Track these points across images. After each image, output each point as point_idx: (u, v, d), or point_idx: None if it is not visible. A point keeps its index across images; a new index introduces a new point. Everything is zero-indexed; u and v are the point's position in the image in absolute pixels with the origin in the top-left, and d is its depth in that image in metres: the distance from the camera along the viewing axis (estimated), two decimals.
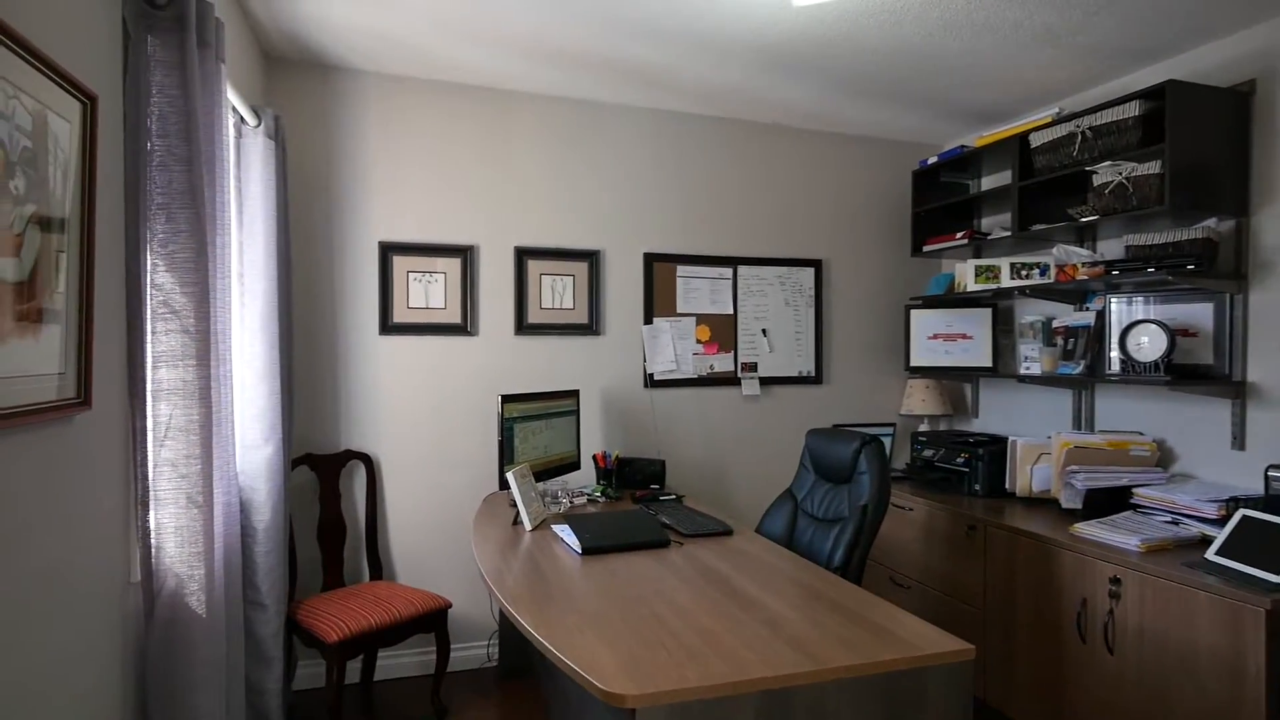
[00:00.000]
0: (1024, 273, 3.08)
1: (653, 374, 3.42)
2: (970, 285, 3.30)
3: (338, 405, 2.99)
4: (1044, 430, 3.24)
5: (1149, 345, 2.55)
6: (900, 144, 3.85)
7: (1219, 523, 2.28)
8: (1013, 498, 3.01)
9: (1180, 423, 2.70)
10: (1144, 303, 2.75)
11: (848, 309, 3.77)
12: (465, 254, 3.13)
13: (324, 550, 2.87)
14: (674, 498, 2.95)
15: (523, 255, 3.22)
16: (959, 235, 3.32)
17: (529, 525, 2.44)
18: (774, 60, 2.83)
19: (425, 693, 2.90)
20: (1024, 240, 3.04)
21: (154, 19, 1.59)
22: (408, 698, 2.88)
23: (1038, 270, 3.04)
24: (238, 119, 2.37)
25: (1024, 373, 3.14)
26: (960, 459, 3.14)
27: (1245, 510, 2.15)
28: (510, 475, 2.45)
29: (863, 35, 2.59)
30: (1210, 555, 2.10)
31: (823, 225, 3.72)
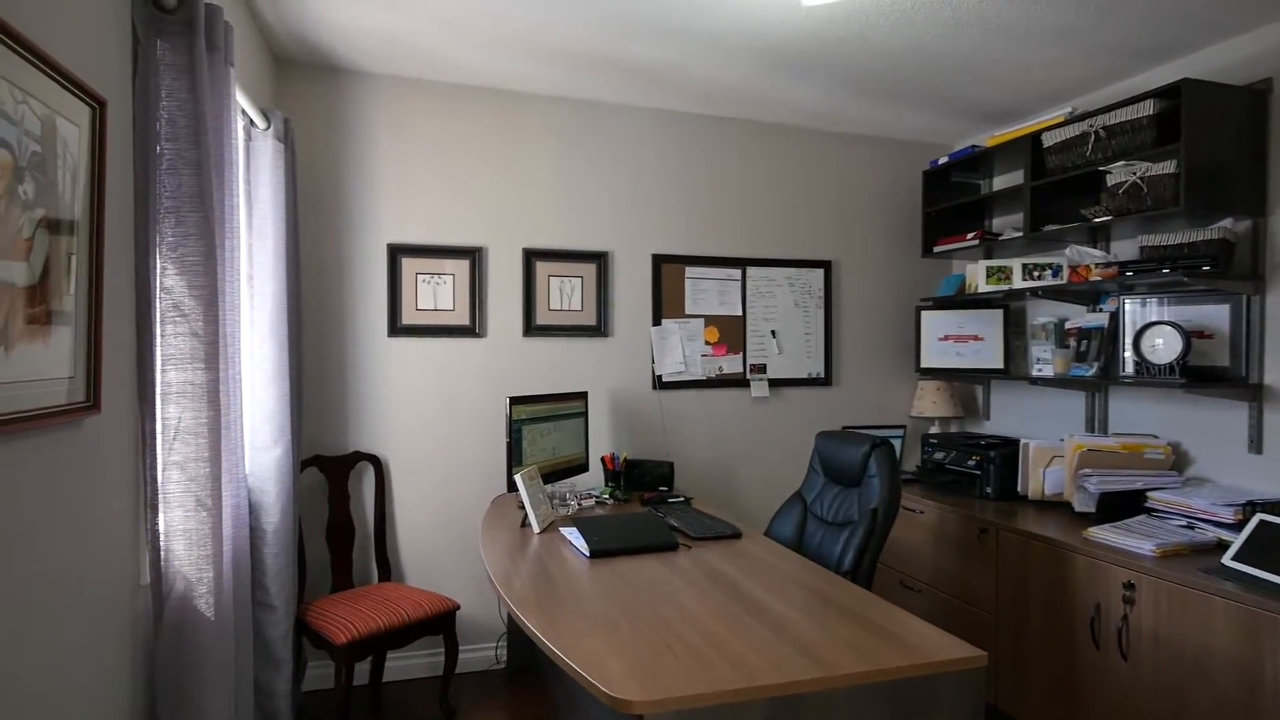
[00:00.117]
0: (1036, 274, 3.05)
1: (661, 375, 3.41)
2: (982, 286, 3.27)
3: (346, 407, 3.00)
4: (1056, 433, 3.21)
5: (1164, 347, 2.52)
6: (911, 144, 3.82)
7: (1235, 527, 2.24)
8: (1025, 501, 2.98)
9: (1196, 426, 2.67)
10: (1158, 304, 2.72)
11: (858, 310, 3.74)
12: (473, 256, 3.13)
13: (333, 551, 2.88)
14: (682, 500, 2.93)
15: (531, 257, 3.22)
16: (970, 236, 3.29)
17: (537, 528, 2.43)
18: (783, 60, 2.81)
19: (434, 694, 2.90)
20: (1036, 241, 3.01)
21: (163, 23, 1.59)
22: (416, 699, 2.88)
23: (1050, 271, 3.01)
24: (247, 122, 2.38)
25: (1036, 375, 3.11)
26: (971, 461, 3.11)
27: (1263, 515, 2.11)
28: (518, 478, 2.44)
29: (873, 34, 2.57)
30: (1227, 560, 2.07)
31: (832, 226, 3.70)
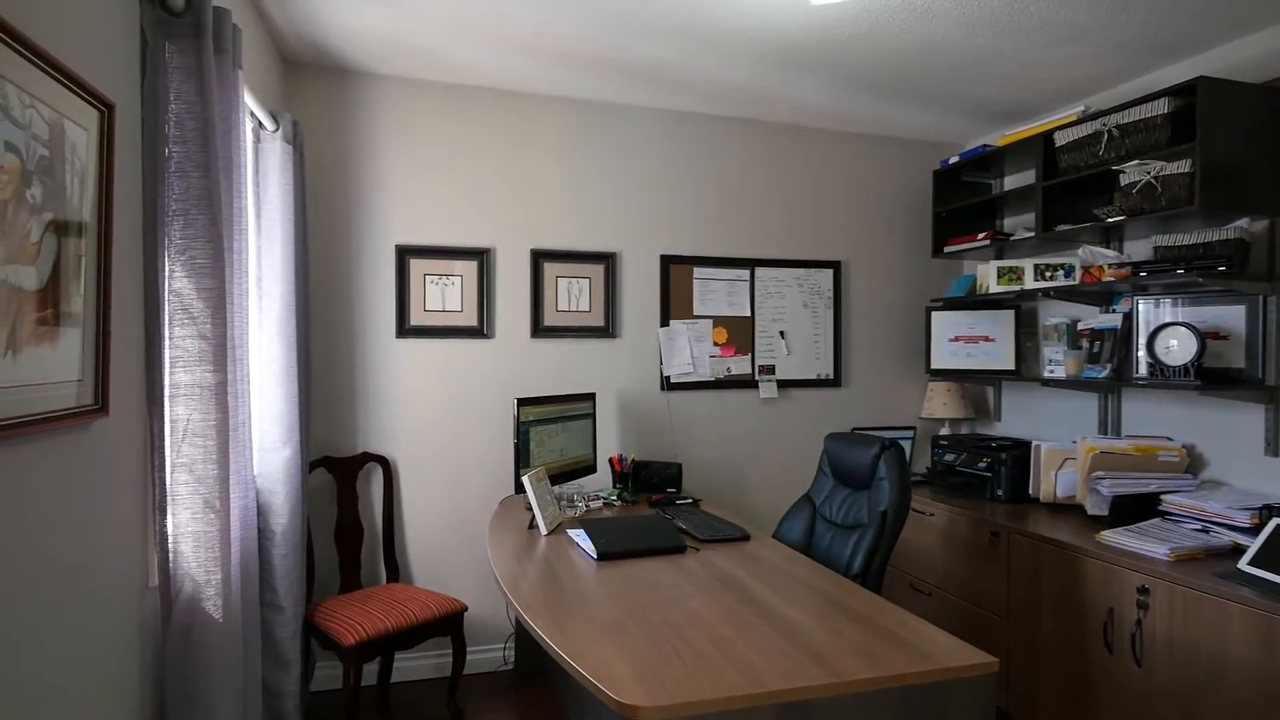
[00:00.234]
0: (1048, 274, 3.02)
1: (669, 377, 3.40)
2: (993, 287, 3.24)
3: (355, 408, 3.01)
4: (1068, 435, 3.17)
5: (1178, 349, 2.49)
6: (921, 143, 3.79)
7: (1252, 531, 2.21)
8: (1036, 503, 2.96)
9: (1211, 428, 2.63)
10: (1173, 305, 2.68)
11: (867, 311, 3.72)
12: (482, 257, 3.13)
13: (341, 552, 2.88)
14: (690, 501, 2.92)
15: (539, 258, 3.21)
16: (981, 236, 3.26)
17: (544, 530, 2.43)
18: (792, 59, 2.79)
19: (442, 695, 2.90)
20: (1048, 241, 2.98)
21: (171, 26, 1.60)
22: (424, 700, 2.88)
23: (1062, 271, 2.98)
24: (256, 124, 2.38)
25: (1048, 376, 3.08)
26: (982, 464, 3.09)
27: (1279, 519, 2.08)
28: (526, 479, 2.44)
29: (882, 33, 2.55)
30: (1243, 565, 2.04)
31: (842, 226, 3.68)
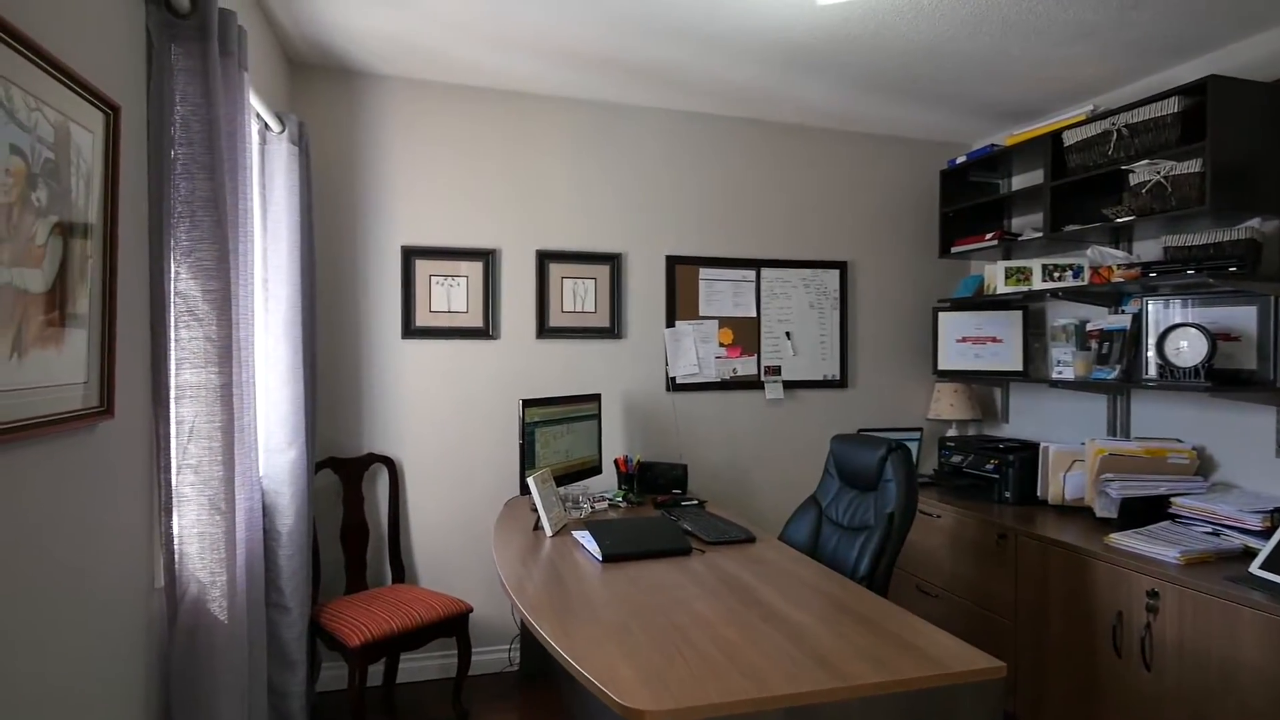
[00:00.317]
0: (1056, 274, 3.00)
1: (675, 377, 3.39)
2: (1000, 287, 3.23)
3: (360, 409, 3.01)
4: (1077, 436, 3.15)
5: (1188, 350, 2.46)
6: (928, 143, 3.77)
7: (1263, 534, 2.19)
8: (1044, 505, 2.94)
9: (1221, 430, 2.61)
10: (1182, 306, 2.66)
11: (874, 311, 3.71)
12: (487, 258, 3.13)
13: (347, 553, 2.89)
14: (696, 503, 2.92)
15: (544, 258, 3.21)
16: (989, 236, 3.24)
17: (550, 531, 2.42)
18: (798, 59, 2.78)
19: (447, 696, 2.90)
20: (1056, 241, 2.96)
21: (177, 28, 1.60)
22: (429, 701, 2.88)
23: (1071, 272, 2.96)
24: (262, 125, 2.38)
25: (1056, 377, 3.06)
26: (990, 465, 3.07)
27: None
28: (531, 481, 2.44)
29: (889, 33, 2.54)
30: (1254, 569, 2.02)
31: (848, 226, 3.66)
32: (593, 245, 3.29)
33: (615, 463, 3.10)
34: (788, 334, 3.56)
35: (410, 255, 3.04)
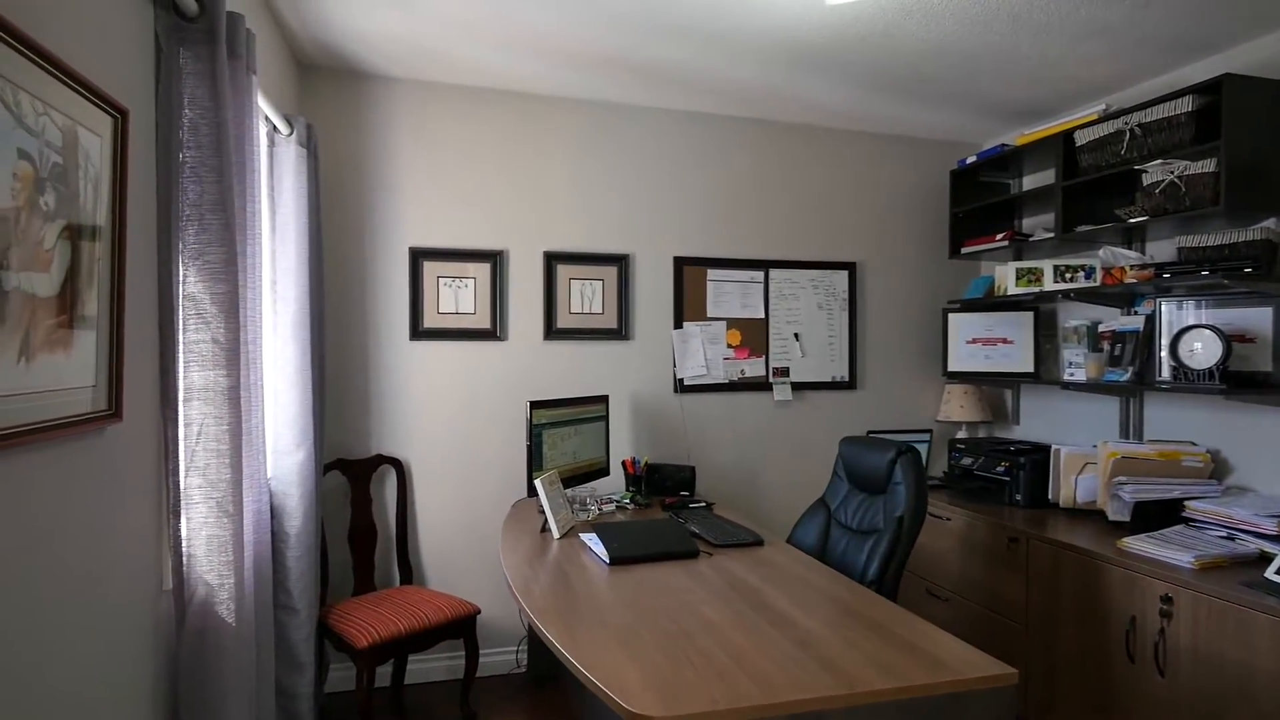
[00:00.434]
0: (1068, 275, 2.97)
1: (683, 379, 3.38)
2: (1011, 288, 3.20)
3: (369, 410, 3.01)
4: (1089, 439, 3.12)
5: (1202, 352, 2.43)
6: (938, 143, 3.75)
7: (1279, 539, 2.16)
8: (1056, 509, 2.91)
9: (1236, 433, 2.58)
10: (1196, 307, 2.63)
11: (883, 312, 3.68)
12: (495, 259, 3.13)
13: (355, 554, 2.89)
14: (704, 505, 2.90)
15: (552, 260, 3.21)
16: (999, 237, 3.22)
17: (557, 534, 2.42)
18: (806, 59, 2.77)
19: (455, 697, 2.90)
20: (1068, 242, 2.93)
21: (185, 32, 1.60)
22: (437, 702, 2.88)
23: (1083, 273, 2.93)
24: (270, 128, 2.39)
25: (1068, 379, 3.03)
26: (1000, 468, 3.04)
27: None
28: (538, 483, 2.43)
29: (898, 32, 2.52)
30: (1270, 574, 1.99)
31: (857, 227, 3.64)
32: (600, 246, 3.28)
33: (623, 464, 3.09)
34: (796, 335, 3.54)
35: (418, 257, 3.04)
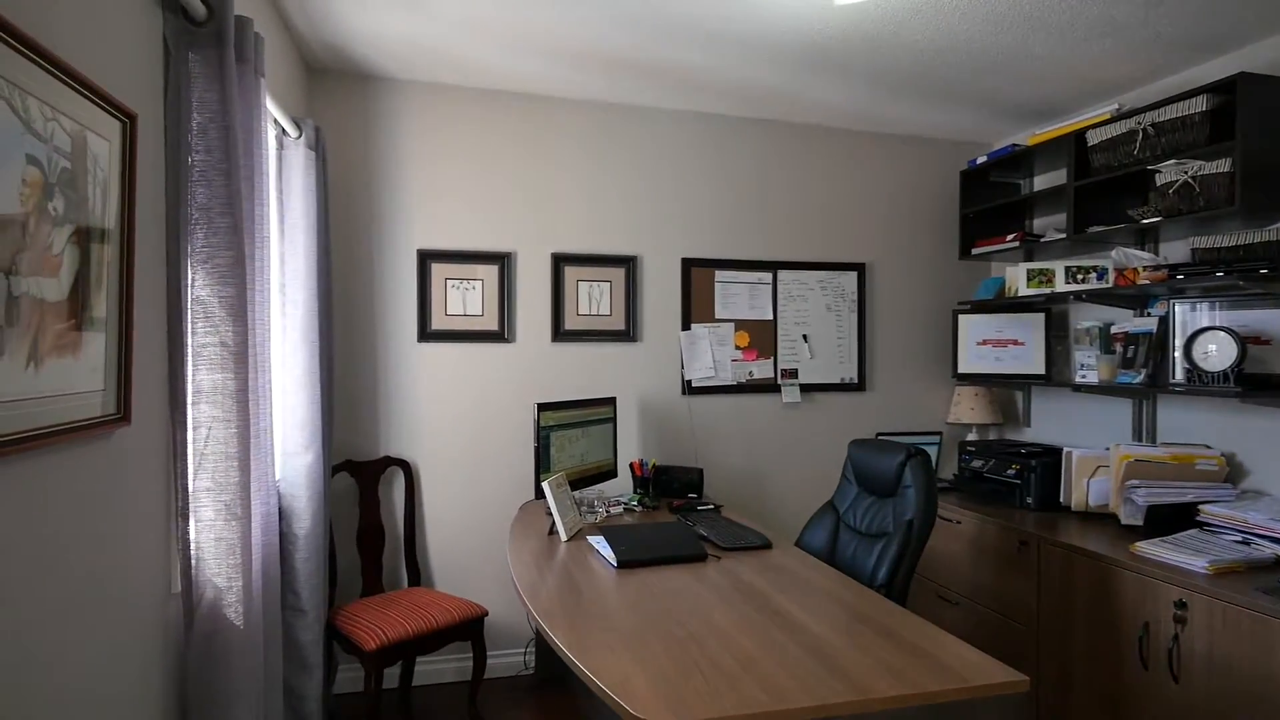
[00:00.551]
0: (1080, 276, 2.94)
1: (690, 381, 3.37)
2: (1022, 289, 3.17)
3: (377, 412, 3.02)
4: (1101, 441, 3.09)
5: (1217, 354, 2.41)
6: (948, 143, 3.72)
7: None
8: (1067, 512, 2.88)
9: (1251, 436, 2.55)
10: (1210, 308, 2.60)
11: (892, 314, 3.66)
12: (503, 261, 3.13)
13: (363, 556, 2.90)
14: (712, 507, 2.89)
15: (559, 261, 3.20)
16: (1010, 237, 3.19)
17: (564, 536, 2.41)
18: (815, 60, 2.75)
19: (463, 699, 2.91)
20: (1080, 243, 2.91)
21: (194, 36, 1.60)
22: (445, 704, 2.88)
23: (1095, 274, 2.90)
24: (279, 131, 2.40)
25: (1080, 381, 3.00)
26: (1011, 470, 3.02)
27: None
28: (546, 485, 2.43)
29: (908, 33, 2.50)
30: None
31: (866, 228, 3.62)
32: (608, 248, 3.28)
33: (630, 466, 3.08)
34: (805, 336, 3.53)
35: (426, 259, 3.05)
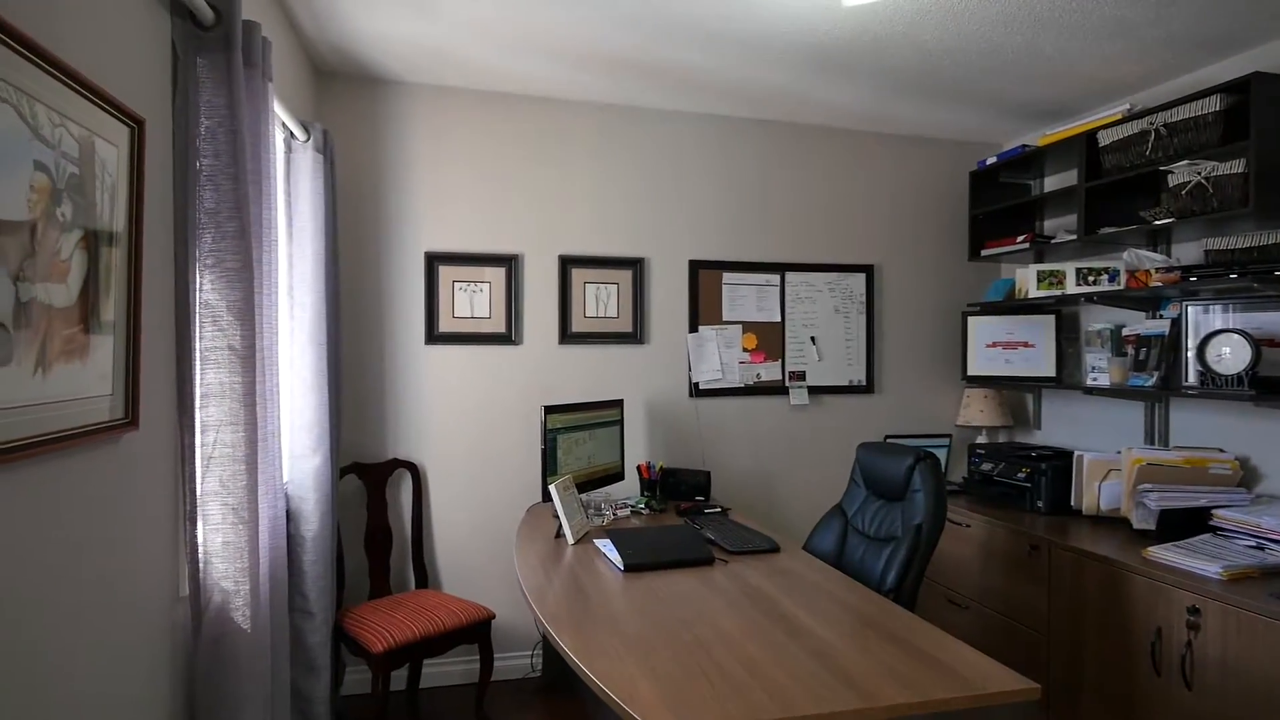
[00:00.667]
0: (1091, 278, 2.92)
1: (698, 383, 3.36)
2: (1033, 291, 3.14)
3: (384, 415, 3.02)
4: (1113, 445, 3.06)
5: (1230, 357, 2.38)
6: (957, 144, 3.70)
7: None
8: (1078, 516, 2.85)
9: (1266, 440, 2.51)
10: (1224, 311, 2.57)
11: (901, 315, 3.64)
12: (510, 263, 3.13)
13: (371, 558, 2.90)
14: (719, 510, 2.88)
15: (567, 264, 3.20)
16: (1020, 239, 3.17)
17: (571, 539, 2.41)
18: (823, 61, 2.74)
19: (470, 701, 2.90)
20: (1091, 244, 2.88)
21: (202, 40, 1.61)
22: (452, 707, 2.88)
23: (1106, 276, 2.88)
24: (287, 134, 2.40)
25: (1091, 384, 2.98)
26: (1021, 473, 2.99)
27: None
28: (553, 488, 2.42)
29: (917, 33, 2.49)
30: None
31: (875, 229, 3.61)
32: (615, 250, 3.27)
33: (638, 469, 3.08)
34: (813, 339, 3.51)
35: (433, 261, 3.05)
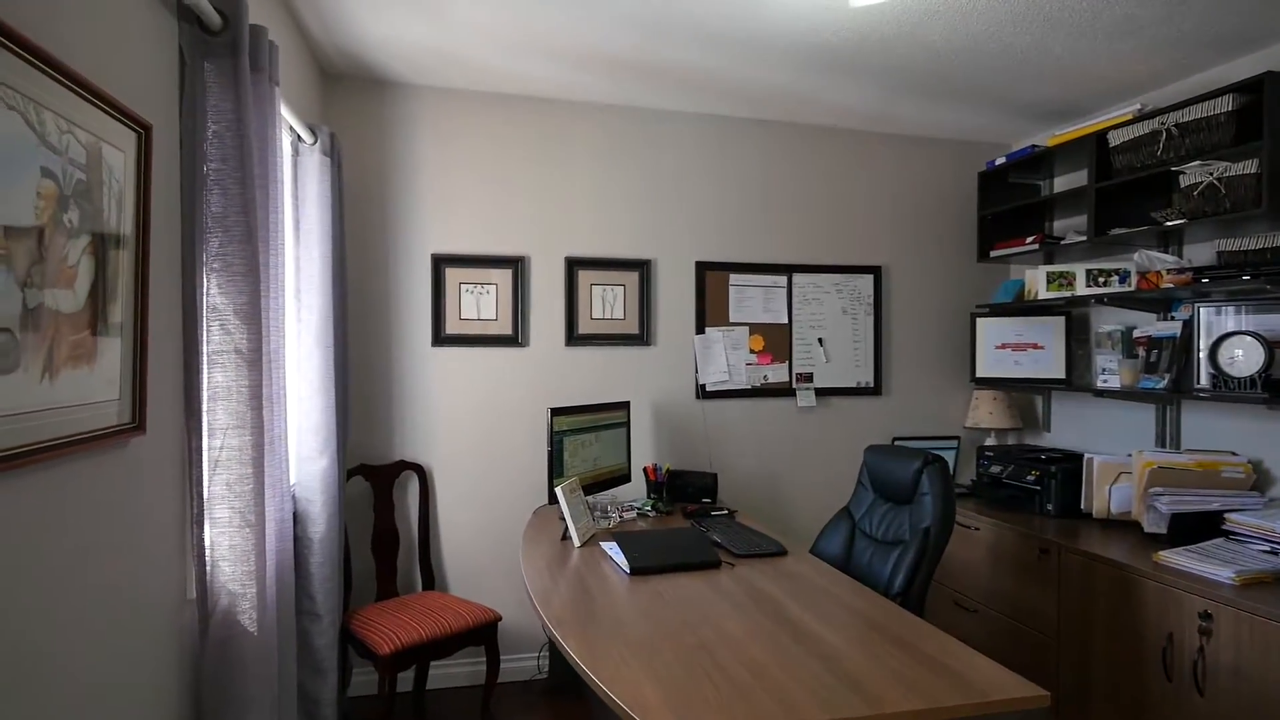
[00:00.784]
0: (1102, 279, 2.89)
1: (705, 385, 3.35)
2: (1042, 293, 3.12)
3: (391, 416, 3.03)
4: (1123, 447, 3.03)
5: (1243, 359, 2.35)
6: (966, 144, 3.68)
7: None
8: (1088, 519, 2.83)
9: None
10: (1236, 312, 2.54)
11: (909, 317, 3.62)
12: (516, 265, 3.13)
13: (378, 560, 2.91)
14: (726, 513, 2.87)
15: (573, 265, 3.20)
16: (1029, 240, 3.15)
17: (577, 542, 2.41)
18: (830, 61, 2.73)
19: (476, 703, 2.91)
20: (1101, 245, 2.86)
21: (209, 45, 1.61)
22: (459, 708, 2.89)
23: (1117, 277, 2.85)
24: (294, 137, 2.41)
25: (1101, 386, 2.95)
26: (1030, 476, 2.97)
27: None
28: (559, 490, 2.42)
29: (925, 33, 2.47)
30: None
31: (883, 230, 3.59)
32: (622, 251, 3.27)
33: (644, 471, 3.07)
34: (820, 340, 3.50)
35: (440, 263, 3.05)
